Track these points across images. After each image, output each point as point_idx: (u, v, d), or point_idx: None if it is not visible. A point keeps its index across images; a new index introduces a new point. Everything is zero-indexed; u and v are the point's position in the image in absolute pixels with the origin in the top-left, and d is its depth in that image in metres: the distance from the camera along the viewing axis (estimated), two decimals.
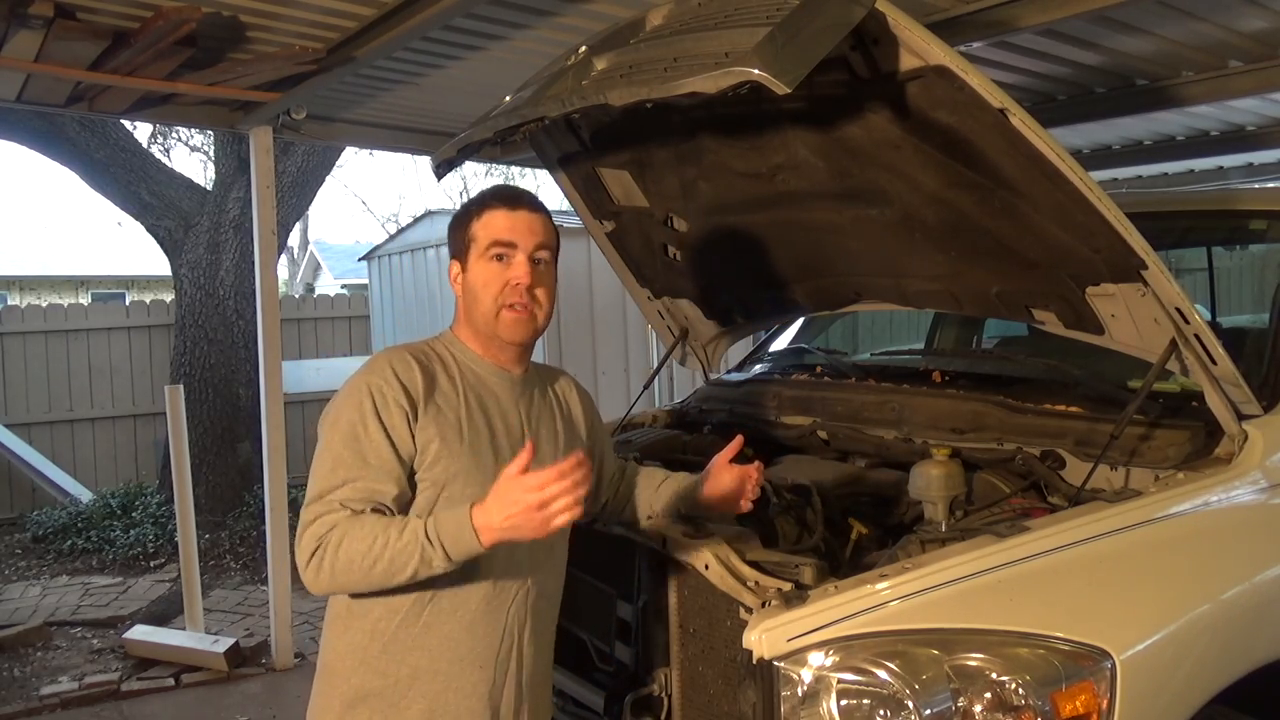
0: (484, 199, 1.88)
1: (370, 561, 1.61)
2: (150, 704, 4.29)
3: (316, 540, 1.65)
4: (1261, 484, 2.04)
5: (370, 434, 1.70)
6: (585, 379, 2.16)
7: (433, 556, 1.59)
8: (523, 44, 3.70)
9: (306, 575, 1.67)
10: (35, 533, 6.98)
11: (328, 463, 1.71)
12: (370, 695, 1.76)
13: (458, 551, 1.60)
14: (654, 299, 3.23)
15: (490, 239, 1.83)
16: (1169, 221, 2.91)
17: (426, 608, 1.75)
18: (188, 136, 12.83)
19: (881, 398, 2.69)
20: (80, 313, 8.55)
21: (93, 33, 3.34)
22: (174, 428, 4.78)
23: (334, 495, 1.68)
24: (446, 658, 1.76)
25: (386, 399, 1.72)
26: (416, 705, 1.76)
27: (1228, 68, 4.13)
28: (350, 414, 1.72)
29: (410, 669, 1.76)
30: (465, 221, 1.87)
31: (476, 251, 1.84)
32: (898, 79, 1.95)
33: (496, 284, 1.81)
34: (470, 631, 1.77)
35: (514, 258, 1.82)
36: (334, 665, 1.81)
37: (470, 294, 1.85)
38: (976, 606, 1.69)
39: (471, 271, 1.84)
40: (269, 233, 4.57)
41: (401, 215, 23.34)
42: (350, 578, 1.64)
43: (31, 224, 25.07)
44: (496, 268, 1.82)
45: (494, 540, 1.59)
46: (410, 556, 1.60)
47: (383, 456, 1.70)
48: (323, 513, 1.67)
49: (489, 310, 1.82)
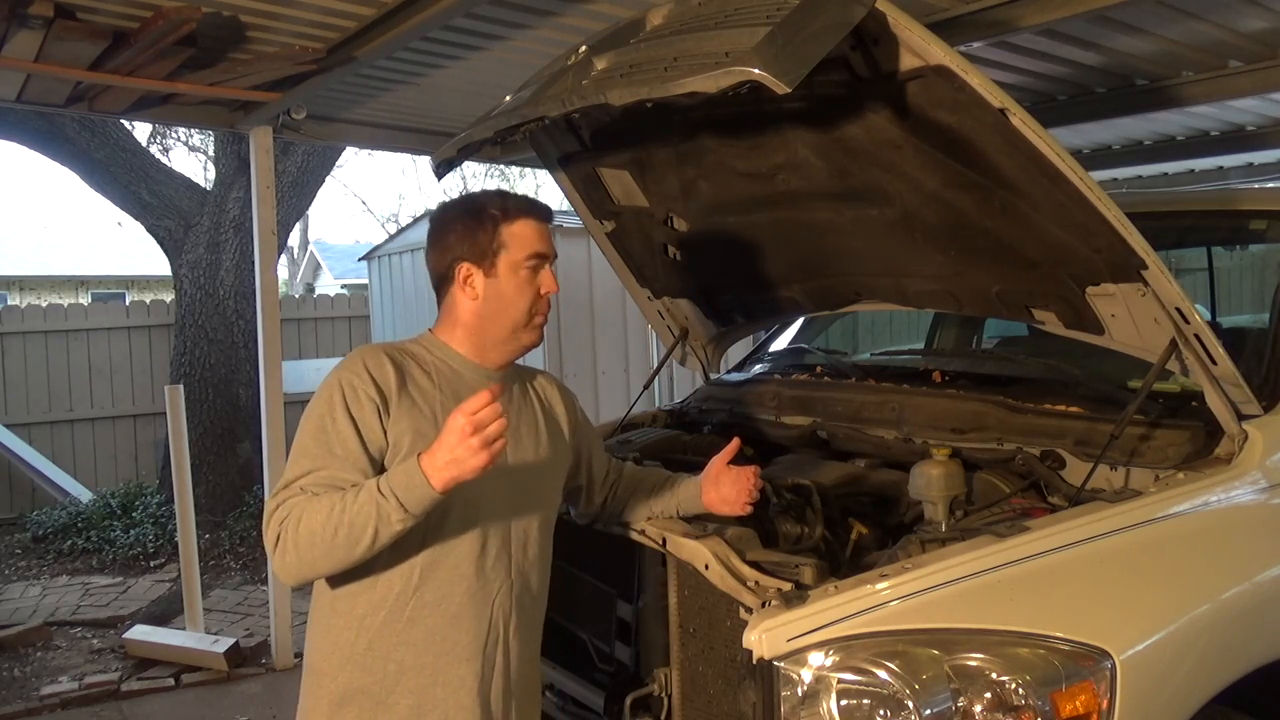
0: (506, 206, 1.86)
1: (330, 531, 1.60)
2: (150, 704, 4.29)
3: (279, 525, 1.66)
4: (1261, 484, 2.04)
5: (338, 426, 1.71)
6: (585, 379, 2.17)
7: (389, 511, 1.59)
8: (523, 44, 3.70)
9: (274, 562, 1.68)
10: (35, 533, 6.98)
11: (295, 454, 1.73)
12: (358, 693, 1.76)
13: (411, 500, 1.59)
14: (654, 299, 3.23)
15: (530, 250, 1.83)
16: (1169, 221, 2.90)
17: (410, 602, 1.75)
18: (188, 136, 12.82)
19: (881, 398, 2.69)
20: (80, 313, 8.55)
21: (93, 33, 3.34)
22: (174, 428, 4.78)
23: (297, 484, 1.69)
24: (432, 652, 1.76)
25: (357, 392, 1.74)
26: (404, 701, 1.76)
27: (1228, 68, 4.13)
28: (321, 408, 1.74)
29: (397, 664, 1.76)
30: (488, 225, 1.84)
31: (510, 261, 1.83)
32: (898, 79, 1.95)
33: (531, 293, 1.84)
34: (455, 625, 1.77)
35: (544, 269, 1.85)
36: (320, 665, 1.81)
37: (497, 301, 1.84)
38: (976, 606, 1.69)
39: (504, 280, 1.83)
40: (269, 233, 4.57)
41: (401, 215, 23.34)
42: (314, 554, 1.63)
43: (31, 224, 25.13)
44: (531, 278, 1.84)
45: (444, 482, 1.57)
46: (368, 517, 1.59)
47: (349, 448, 1.71)
48: (284, 499, 1.68)
49: (521, 318, 1.84)
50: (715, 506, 2.04)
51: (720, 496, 2.03)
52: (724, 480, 2.03)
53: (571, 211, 3.33)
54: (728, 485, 2.02)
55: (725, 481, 2.03)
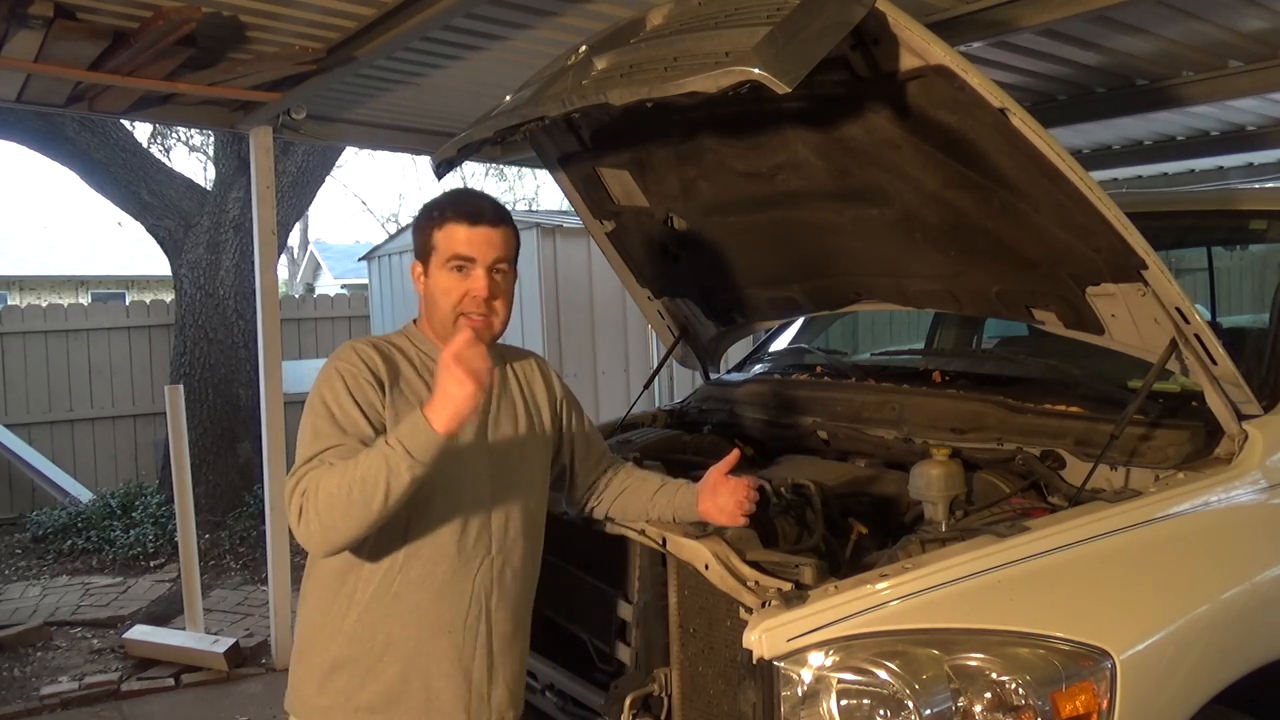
0: (444, 209, 1.93)
1: (345, 490, 1.67)
2: (150, 704, 4.29)
3: (300, 496, 1.72)
4: (1261, 484, 2.04)
5: (345, 409, 1.80)
6: (585, 379, 2.18)
7: (397, 460, 1.64)
8: (523, 44, 3.70)
9: (299, 533, 1.74)
10: (35, 533, 6.98)
11: (307, 437, 1.80)
12: (347, 662, 1.86)
13: (417, 446, 1.64)
14: (654, 299, 3.23)
15: (451, 252, 1.90)
16: (1169, 221, 2.90)
17: (397, 578, 1.84)
18: (188, 136, 12.82)
19: (881, 398, 2.69)
20: (80, 313, 8.55)
21: (93, 33, 3.34)
22: (174, 428, 4.78)
23: (314, 460, 1.76)
24: (416, 624, 1.85)
25: (357, 377, 1.83)
26: (391, 669, 1.85)
27: (1228, 68, 4.13)
28: (324, 394, 1.83)
29: (385, 636, 1.84)
30: (427, 226, 1.94)
31: (437, 260, 1.91)
32: (898, 79, 1.95)
33: (455, 294, 1.90)
34: (438, 600, 1.85)
35: (473, 271, 1.90)
36: (311, 636, 1.91)
37: (430, 298, 1.94)
38: (976, 606, 1.69)
39: (433, 278, 1.93)
40: (269, 233, 4.57)
41: (401, 215, 23.31)
42: (333, 516, 1.69)
43: (31, 224, 25.14)
44: (456, 278, 1.90)
45: (444, 422, 1.64)
46: (379, 470, 1.65)
47: (359, 426, 1.79)
48: (303, 474, 1.74)
49: (447, 316, 1.91)
50: (711, 516, 2.05)
51: (716, 506, 2.04)
52: (721, 490, 2.04)
53: (571, 211, 3.32)
54: (725, 495, 2.03)
55: (723, 491, 2.04)
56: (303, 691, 1.91)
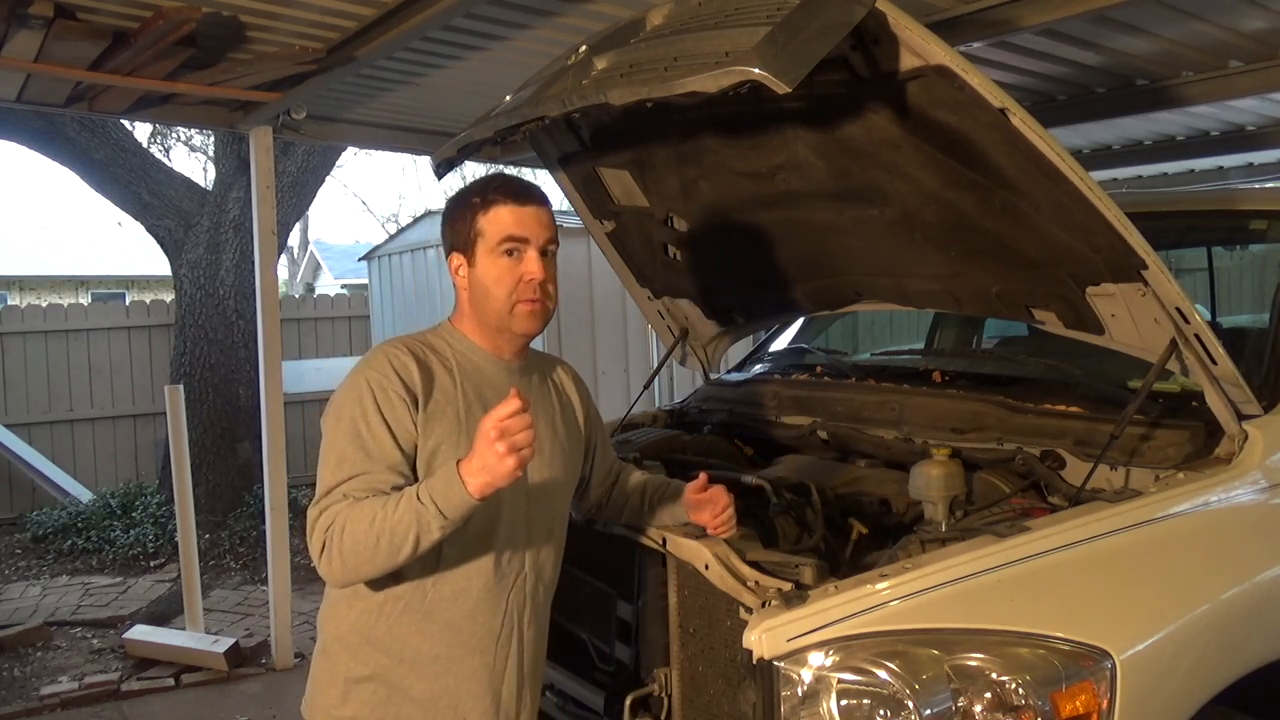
0: (487, 191, 1.84)
1: (373, 540, 1.61)
2: (150, 704, 4.29)
3: (324, 532, 1.66)
4: (1261, 484, 2.04)
5: (373, 428, 1.71)
6: (585, 379, 2.17)
7: (429, 518, 1.59)
8: (523, 44, 3.70)
9: (320, 567, 1.69)
10: (35, 533, 6.97)
11: (332, 460, 1.72)
12: (372, 676, 1.79)
13: (449, 506, 1.58)
14: (654, 299, 3.23)
15: (502, 234, 1.80)
16: (1169, 221, 2.90)
17: (429, 595, 1.77)
18: (188, 136, 12.83)
19: (881, 398, 2.69)
20: (80, 313, 8.55)
21: (93, 33, 3.34)
22: (174, 428, 4.78)
23: (339, 489, 1.69)
24: (447, 642, 1.79)
25: (387, 392, 1.73)
26: (418, 686, 1.78)
27: (1228, 68, 4.13)
28: (352, 409, 1.73)
29: (413, 651, 1.78)
30: (467, 213, 1.84)
31: (485, 247, 1.81)
32: (898, 79, 1.95)
33: (510, 279, 1.80)
34: (471, 619, 1.79)
35: (526, 253, 1.81)
36: (335, 648, 1.83)
37: (480, 289, 1.83)
38: (976, 606, 1.69)
39: (481, 267, 1.82)
40: (269, 233, 4.57)
41: (401, 215, 23.35)
42: (358, 560, 1.64)
43: (31, 224, 25.15)
44: (508, 263, 1.80)
45: (479, 489, 1.56)
46: (409, 526, 1.59)
47: (385, 449, 1.71)
48: (328, 506, 1.68)
49: (503, 305, 1.81)
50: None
51: (699, 521, 2.03)
52: (704, 509, 2.02)
53: (571, 211, 3.32)
54: (704, 513, 2.02)
55: (703, 509, 2.02)
56: (324, 700, 1.84)
